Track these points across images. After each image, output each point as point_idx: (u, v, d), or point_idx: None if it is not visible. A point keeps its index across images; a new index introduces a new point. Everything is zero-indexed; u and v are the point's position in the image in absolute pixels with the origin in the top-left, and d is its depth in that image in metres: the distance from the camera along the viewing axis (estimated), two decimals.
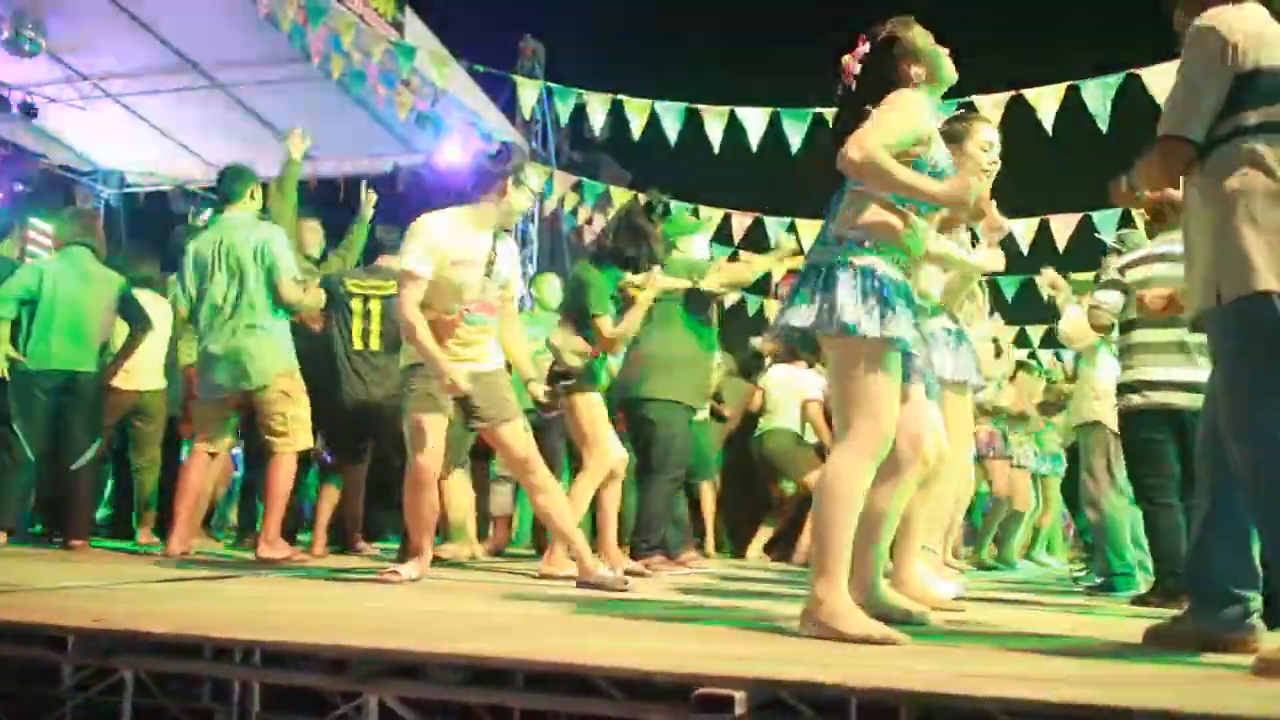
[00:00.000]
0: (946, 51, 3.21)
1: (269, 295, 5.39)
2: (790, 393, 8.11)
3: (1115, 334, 5.49)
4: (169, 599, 3.33)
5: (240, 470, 8.03)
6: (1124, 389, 5.22)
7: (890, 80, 3.10)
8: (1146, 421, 5.08)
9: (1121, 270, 5.36)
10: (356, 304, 6.19)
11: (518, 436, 4.70)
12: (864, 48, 3.17)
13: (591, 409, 5.46)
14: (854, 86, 3.16)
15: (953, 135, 3.98)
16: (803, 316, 2.91)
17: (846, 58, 3.17)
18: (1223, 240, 2.77)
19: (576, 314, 5.54)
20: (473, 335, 4.66)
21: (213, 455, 5.55)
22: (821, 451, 7.85)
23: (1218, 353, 2.88)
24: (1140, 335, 5.14)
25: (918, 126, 3.01)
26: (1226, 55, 2.78)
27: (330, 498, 6.26)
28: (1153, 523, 5.19)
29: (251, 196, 5.63)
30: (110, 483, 7.18)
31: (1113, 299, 5.31)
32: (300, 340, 5.71)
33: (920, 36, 3.17)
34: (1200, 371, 4.56)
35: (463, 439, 6.08)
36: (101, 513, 7.21)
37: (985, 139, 4.26)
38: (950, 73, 3.21)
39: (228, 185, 5.61)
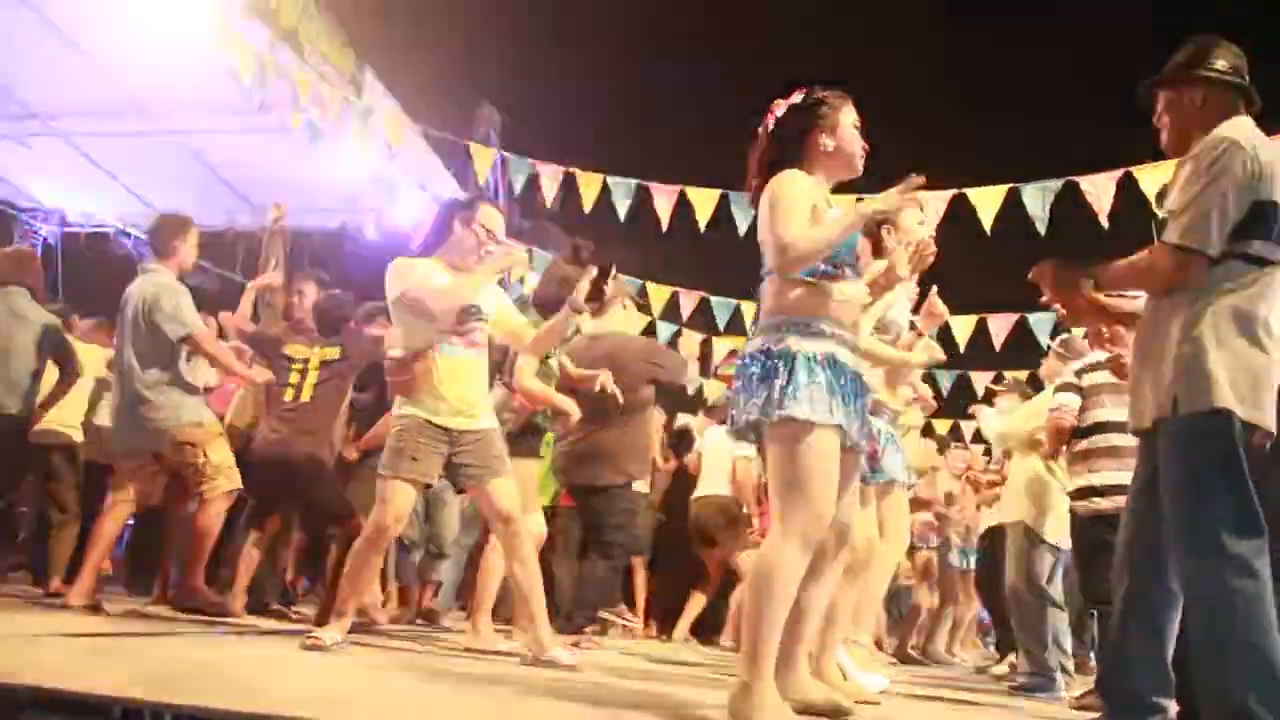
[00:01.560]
0: (864, 149, 3.24)
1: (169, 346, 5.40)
2: (725, 455, 8.09)
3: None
4: (84, 656, 3.23)
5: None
6: (1086, 492, 5.25)
7: (799, 139, 3.17)
8: (1107, 525, 5.14)
9: (1078, 374, 5.48)
10: (295, 369, 5.91)
11: (508, 493, 4.54)
12: (796, 98, 3.23)
13: (522, 477, 5.22)
14: (770, 126, 3.23)
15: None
16: (749, 409, 2.92)
17: (778, 100, 3.23)
18: (1187, 355, 2.83)
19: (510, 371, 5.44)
20: (456, 372, 4.49)
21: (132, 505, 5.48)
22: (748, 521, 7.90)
23: (1168, 461, 2.91)
24: (1106, 440, 5.21)
25: (805, 202, 3.04)
26: (1252, 181, 2.83)
27: (250, 556, 6.07)
28: (1105, 624, 5.22)
29: (176, 251, 5.58)
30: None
31: (1073, 402, 5.42)
32: None
33: (848, 115, 3.21)
34: None
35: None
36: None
37: (917, 218, 4.37)
38: (855, 166, 3.24)
39: (153, 236, 5.62)
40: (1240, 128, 2.93)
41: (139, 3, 7.42)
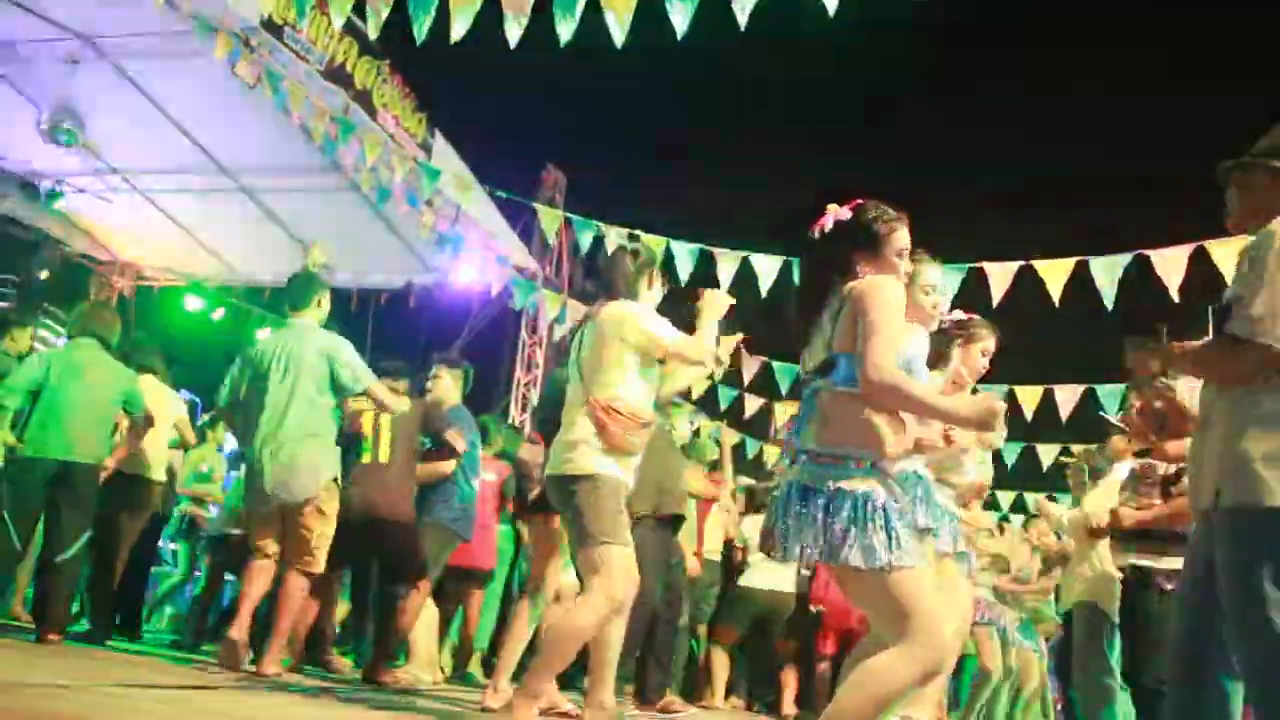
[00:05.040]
0: (909, 272, 3.11)
1: (325, 402, 5.33)
2: None
3: None
4: (142, 706, 3.25)
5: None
6: (1161, 575, 5.12)
7: (847, 257, 3.00)
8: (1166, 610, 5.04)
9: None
10: (368, 419, 5.91)
11: None
12: (846, 213, 3.06)
13: (552, 533, 5.11)
14: (818, 237, 3.07)
15: None
16: (809, 539, 2.77)
17: (832, 207, 3.08)
18: (1239, 451, 2.82)
19: (551, 427, 5.31)
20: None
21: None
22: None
23: (1221, 553, 2.89)
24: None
25: (902, 315, 2.89)
26: None
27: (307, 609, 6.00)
28: (1156, 709, 5.08)
29: (319, 305, 5.57)
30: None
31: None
32: None
33: (895, 238, 3.04)
34: None
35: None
36: None
37: (928, 281, 4.13)
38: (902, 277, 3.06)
39: (295, 292, 5.58)
40: None
41: (216, 66, 7.62)
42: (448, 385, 6.45)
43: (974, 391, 4.46)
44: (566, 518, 4.10)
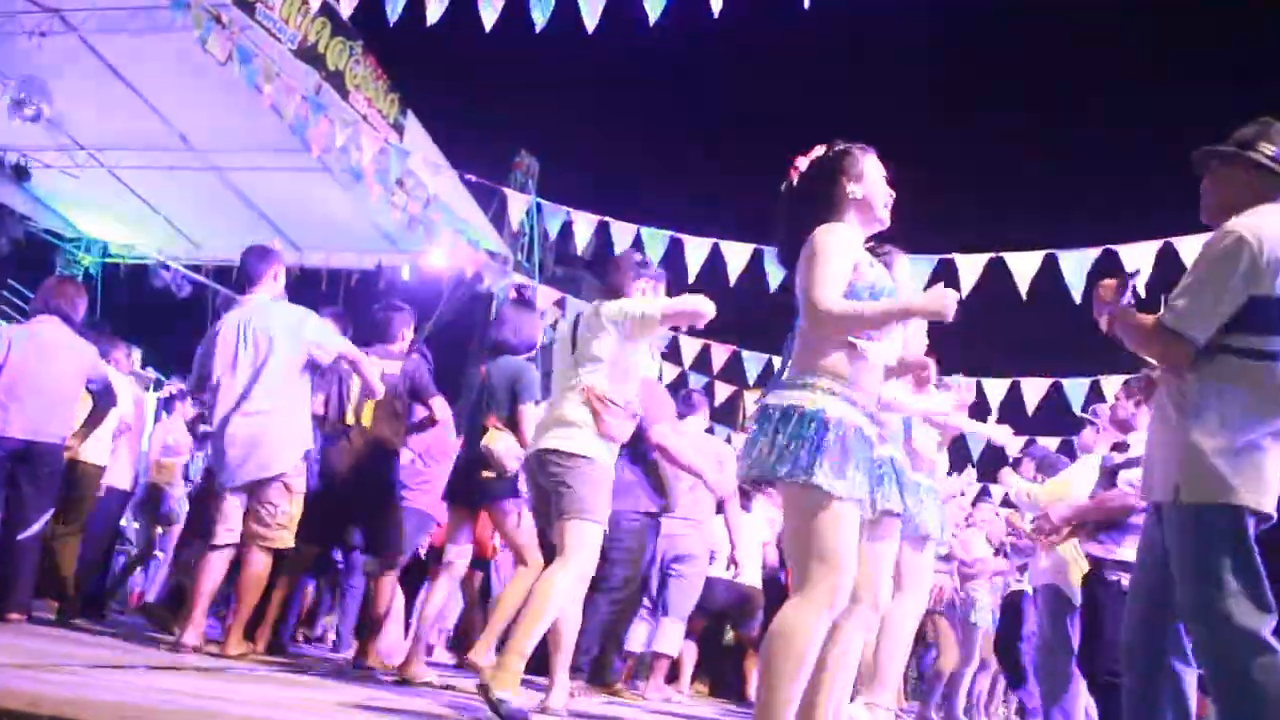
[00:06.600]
0: (892, 196, 3.19)
1: (294, 376, 5.21)
2: (755, 542, 7.97)
3: None
4: (103, 687, 3.23)
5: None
6: (1115, 566, 5.17)
7: (828, 189, 3.10)
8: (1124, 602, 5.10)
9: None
10: (355, 381, 5.63)
11: None
12: (818, 151, 3.19)
13: (524, 515, 5.08)
14: (794, 183, 3.17)
15: None
16: (776, 467, 2.87)
17: (800, 158, 3.19)
18: (1190, 444, 2.87)
19: (511, 413, 5.18)
20: None
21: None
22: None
23: (1178, 545, 2.95)
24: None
25: (847, 257, 3.00)
26: (1252, 275, 2.88)
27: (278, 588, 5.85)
28: (1111, 700, 5.14)
29: (275, 278, 5.45)
30: None
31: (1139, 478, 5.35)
32: None
33: (872, 165, 3.16)
34: None
35: None
36: None
37: (905, 274, 4.20)
38: (884, 212, 3.18)
39: (251, 266, 5.46)
40: (1259, 217, 2.97)
41: (186, 42, 7.55)
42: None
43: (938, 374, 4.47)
44: (550, 489, 4.13)
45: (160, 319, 11.77)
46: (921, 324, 4.29)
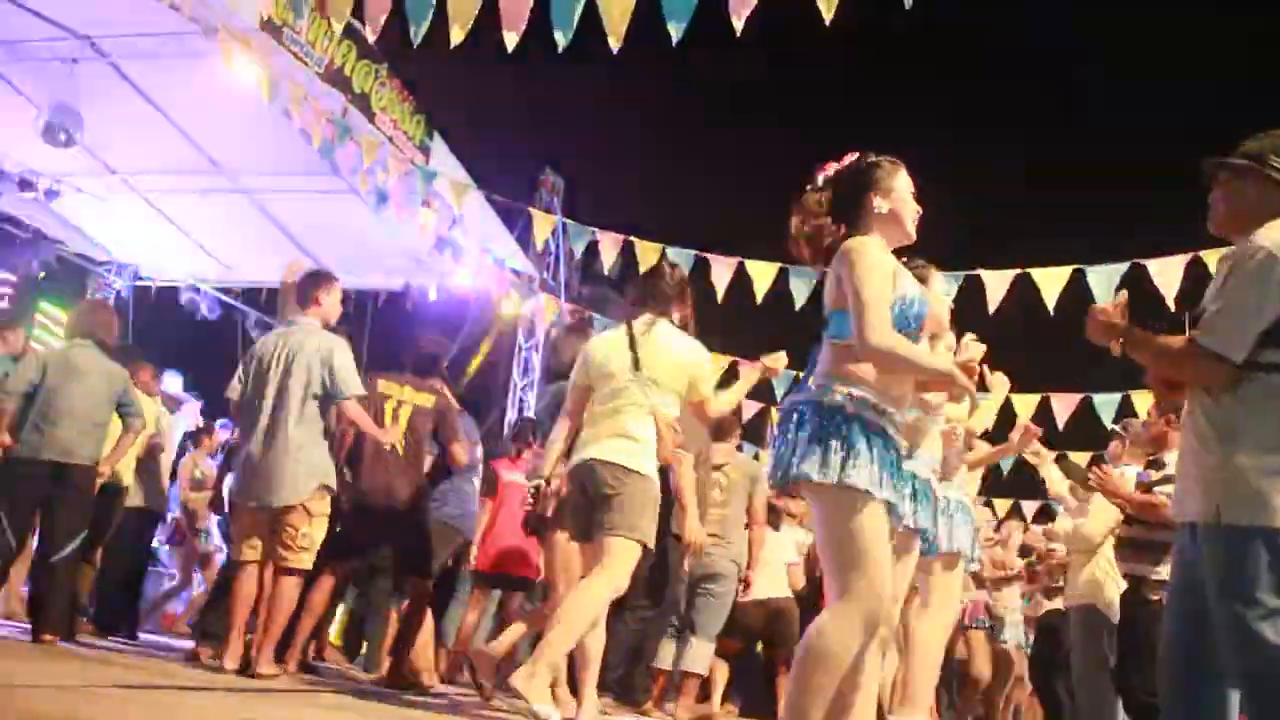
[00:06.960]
0: (918, 212, 3.15)
1: (317, 403, 5.22)
2: (778, 560, 7.92)
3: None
4: (137, 708, 3.25)
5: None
6: (1154, 585, 5.10)
7: (855, 201, 3.08)
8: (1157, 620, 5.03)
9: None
10: (389, 406, 5.70)
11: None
12: (849, 159, 3.16)
13: (566, 552, 4.79)
14: (820, 183, 3.14)
15: None
16: (803, 466, 2.82)
17: (830, 164, 3.17)
18: (1233, 465, 2.83)
19: None
20: None
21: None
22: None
23: (1215, 565, 2.90)
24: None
25: (885, 275, 2.95)
26: None
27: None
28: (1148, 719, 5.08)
29: (318, 301, 5.45)
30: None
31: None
32: None
33: (903, 181, 3.13)
34: None
35: None
36: None
37: (940, 290, 4.30)
38: (910, 232, 3.14)
39: (300, 290, 5.49)
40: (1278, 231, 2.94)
41: (216, 67, 7.65)
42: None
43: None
44: (600, 500, 4.12)
45: (191, 342, 11.85)
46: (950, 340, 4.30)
